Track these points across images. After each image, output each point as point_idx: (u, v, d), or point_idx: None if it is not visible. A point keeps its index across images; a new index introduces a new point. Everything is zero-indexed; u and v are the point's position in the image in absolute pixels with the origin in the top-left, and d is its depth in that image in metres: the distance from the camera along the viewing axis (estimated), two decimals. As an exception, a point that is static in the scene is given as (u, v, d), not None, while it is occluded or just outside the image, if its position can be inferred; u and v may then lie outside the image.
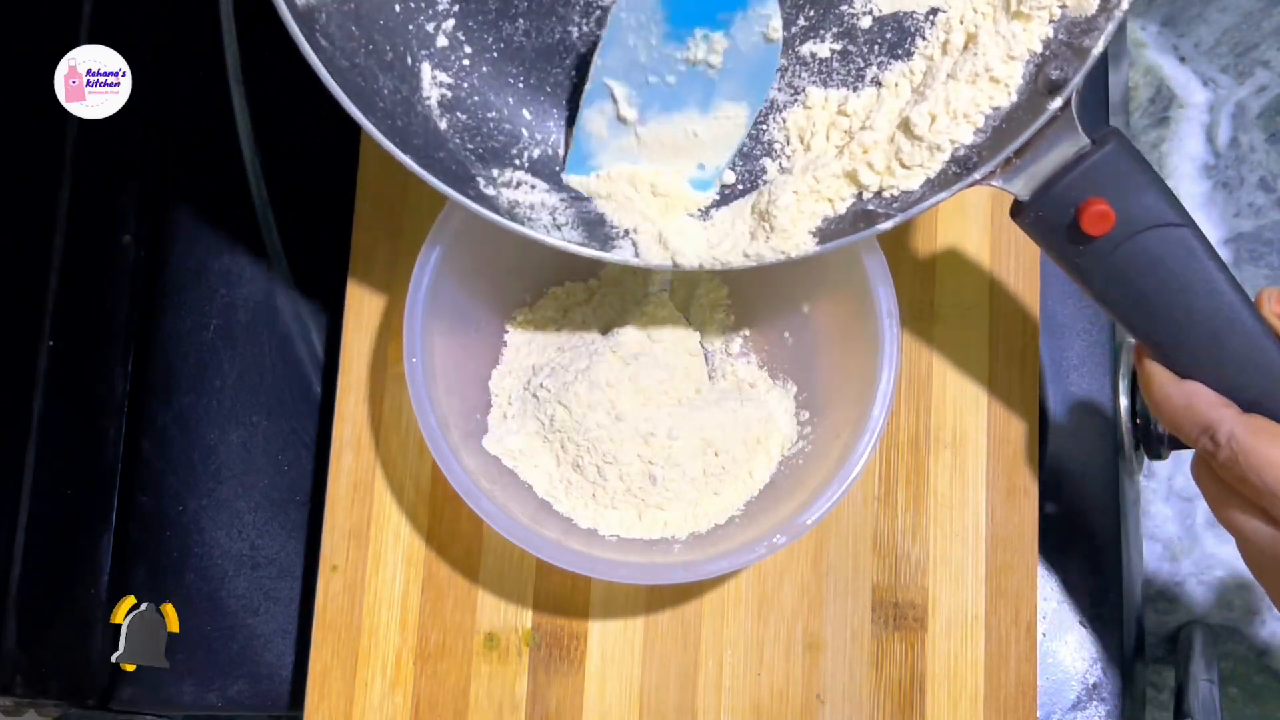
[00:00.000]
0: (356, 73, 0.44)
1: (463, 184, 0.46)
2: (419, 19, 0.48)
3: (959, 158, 0.46)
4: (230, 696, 0.59)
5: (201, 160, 0.63)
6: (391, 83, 0.46)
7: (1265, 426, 0.42)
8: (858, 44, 0.49)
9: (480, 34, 0.49)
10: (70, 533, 0.58)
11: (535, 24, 0.49)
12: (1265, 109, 0.66)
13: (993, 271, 0.57)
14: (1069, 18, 0.45)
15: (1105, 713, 0.57)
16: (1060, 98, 0.43)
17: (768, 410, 0.54)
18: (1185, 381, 0.45)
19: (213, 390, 0.61)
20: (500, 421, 0.54)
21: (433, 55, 0.48)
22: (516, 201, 0.48)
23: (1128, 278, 0.44)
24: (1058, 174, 0.44)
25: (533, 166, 0.50)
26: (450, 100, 0.48)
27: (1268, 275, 0.65)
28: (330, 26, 0.44)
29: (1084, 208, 0.43)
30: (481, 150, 0.48)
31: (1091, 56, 0.43)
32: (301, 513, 0.60)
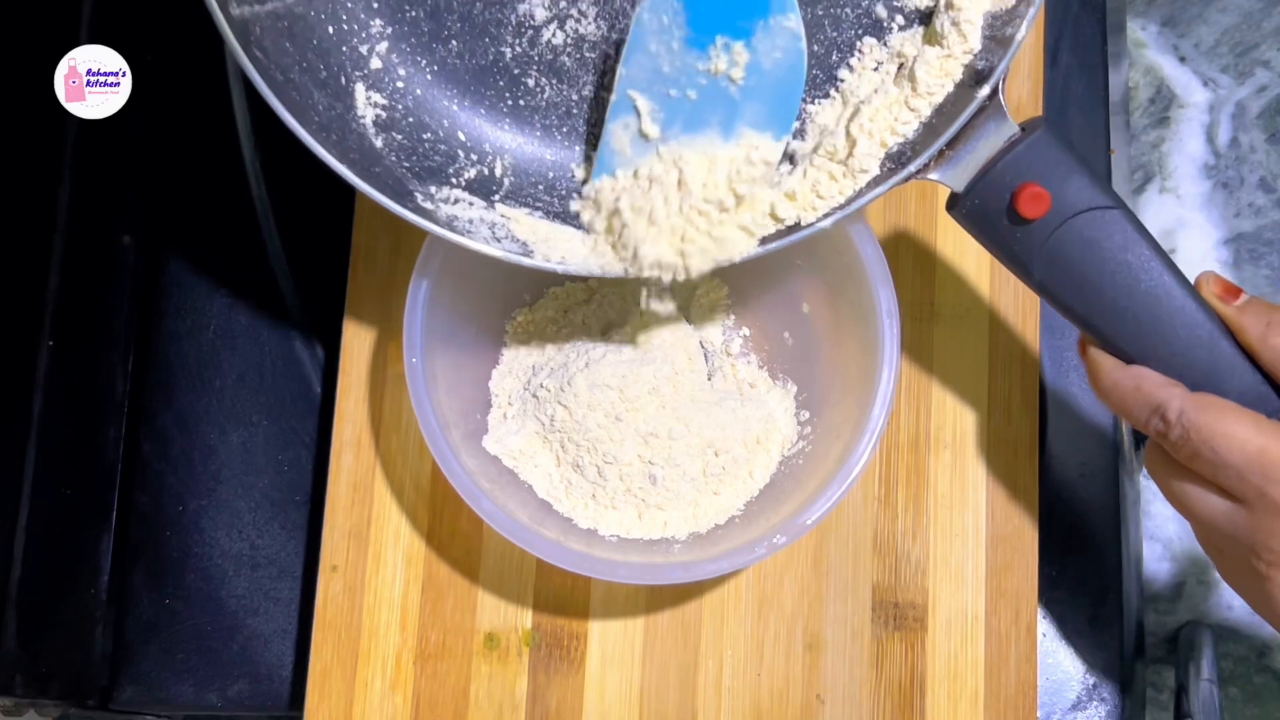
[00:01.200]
0: (292, 87, 0.44)
1: (400, 197, 0.46)
2: (352, 40, 0.48)
3: (893, 154, 0.46)
4: (230, 696, 0.59)
5: (201, 160, 0.63)
6: (326, 100, 0.46)
7: (1212, 401, 0.43)
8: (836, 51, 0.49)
9: (414, 56, 0.49)
10: (70, 533, 0.58)
11: (468, 46, 0.49)
12: (1265, 109, 0.66)
13: (993, 272, 0.57)
14: (991, 12, 0.45)
15: (1105, 713, 0.57)
16: (988, 86, 0.44)
17: (768, 410, 0.54)
18: (1131, 366, 0.45)
19: (213, 390, 0.61)
20: (500, 421, 0.54)
21: (367, 76, 0.48)
22: (455, 216, 0.48)
23: (1066, 262, 0.44)
24: (991, 162, 0.44)
25: (469, 186, 0.49)
26: (385, 120, 0.48)
27: (1268, 275, 0.65)
28: (265, 41, 0.44)
29: (1019, 191, 0.43)
30: (418, 169, 0.48)
31: (1015, 43, 0.43)
32: (301, 513, 0.60)
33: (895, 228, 0.58)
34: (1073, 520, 0.58)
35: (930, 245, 0.58)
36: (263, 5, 0.44)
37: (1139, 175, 0.66)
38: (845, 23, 0.49)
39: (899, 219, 0.58)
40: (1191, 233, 0.65)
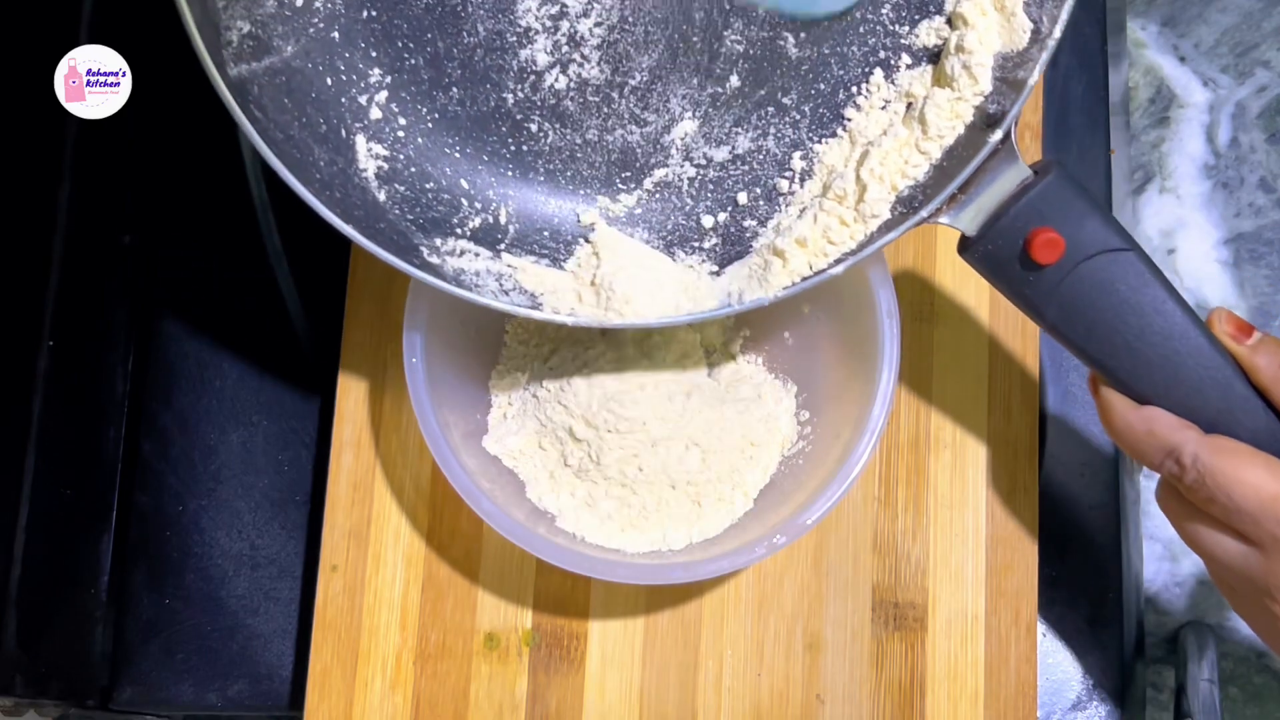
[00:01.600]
0: (292, 145, 0.44)
1: (407, 253, 0.45)
2: (351, 91, 0.47)
3: (903, 198, 0.46)
4: (230, 696, 0.59)
5: (201, 160, 0.63)
6: (327, 155, 0.46)
7: (1228, 445, 0.43)
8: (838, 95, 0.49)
9: (414, 105, 0.48)
10: (70, 533, 0.58)
11: (469, 93, 0.49)
12: (1265, 109, 0.66)
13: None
14: (1002, 54, 0.45)
15: (1105, 713, 0.57)
16: (1000, 130, 0.43)
17: (768, 410, 0.54)
18: (1144, 407, 0.45)
19: (213, 390, 0.61)
20: (500, 421, 0.54)
21: (367, 127, 0.48)
22: (462, 269, 0.47)
23: (1079, 305, 0.44)
24: (1003, 206, 0.44)
25: (474, 235, 0.49)
26: (387, 172, 0.48)
27: (1267, 275, 0.65)
28: (263, 99, 0.43)
29: (1032, 237, 0.43)
30: (422, 220, 0.48)
31: (1027, 87, 0.43)
32: (301, 513, 0.60)
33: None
34: (1073, 520, 0.58)
35: (930, 245, 0.58)
36: (260, 62, 0.44)
37: (1139, 175, 0.66)
38: (852, 61, 0.49)
39: (899, 219, 0.58)
40: (1191, 233, 0.65)
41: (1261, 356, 0.44)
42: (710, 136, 0.50)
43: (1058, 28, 0.43)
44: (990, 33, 0.45)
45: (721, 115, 0.50)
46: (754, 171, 0.50)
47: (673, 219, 0.51)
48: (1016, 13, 0.45)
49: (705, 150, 0.50)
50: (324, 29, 0.46)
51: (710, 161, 0.50)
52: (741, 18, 0.48)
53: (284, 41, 0.45)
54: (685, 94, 0.49)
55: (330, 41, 0.47)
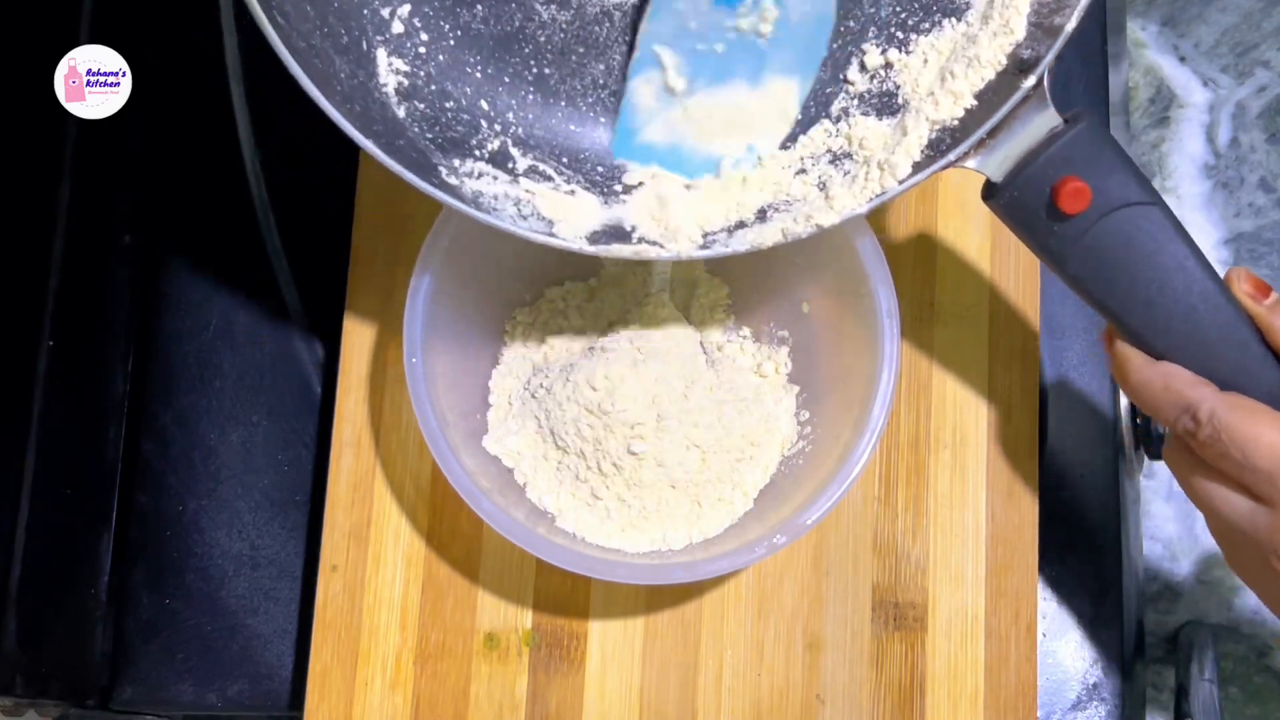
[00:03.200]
0: (314, 54, 0.43)
1: (425, 172, 0.45)
2: (374, 3, 0.47)
3: (933, 140, 0.46)
4: (230, 696, 0.59)
5: (201, 160, 0.63)
6: (348, 67, 0.45)
7: (1244, 403, 0.43)
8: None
9: (437, 20, 0.48)
10: (70, 533, 0.58)
11: (494, 11, 0.48)
12: (1265, 109, 0.66)
13: (993, 271, 0.57)
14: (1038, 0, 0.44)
15: (1105, 713, 0.57)
16: (1034, 76, 0.43)
17: (768, 410, 0.54)
18: (1160, 362, 0.45)
19: (213, 390, 0.61)
20: (500, 421, 0.54)
21: (388, 41, 0.47)
22: (480, 191, 0.47)
23: (1101, 257, 0.44)
24: (1031, 153, 0.44)
25: (492, 158, 0.48)
26: (407, 88, 0.47)
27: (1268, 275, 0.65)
28: (286, 5, 0.43)
29: (1060, 185, 0.43)
30: (441, 140, 0.47)
31: (1064, 34, 0.43)
32: (301, 513, 0.60)
33: (895, 228, 0.58)
34: (1073, 520, 0.58)
35: (930, 245, 0.58)
36: None
37: (1139, 175, 0.66)
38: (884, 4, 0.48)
39: (899, 219, 0.58)
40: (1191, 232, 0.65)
41: (1279, 317, 0.44)
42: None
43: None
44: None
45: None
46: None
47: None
48: None
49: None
50: None
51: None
52: None
53: None
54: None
55: None
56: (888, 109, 0.48)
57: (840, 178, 0.47)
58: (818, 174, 0.48)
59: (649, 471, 0.51)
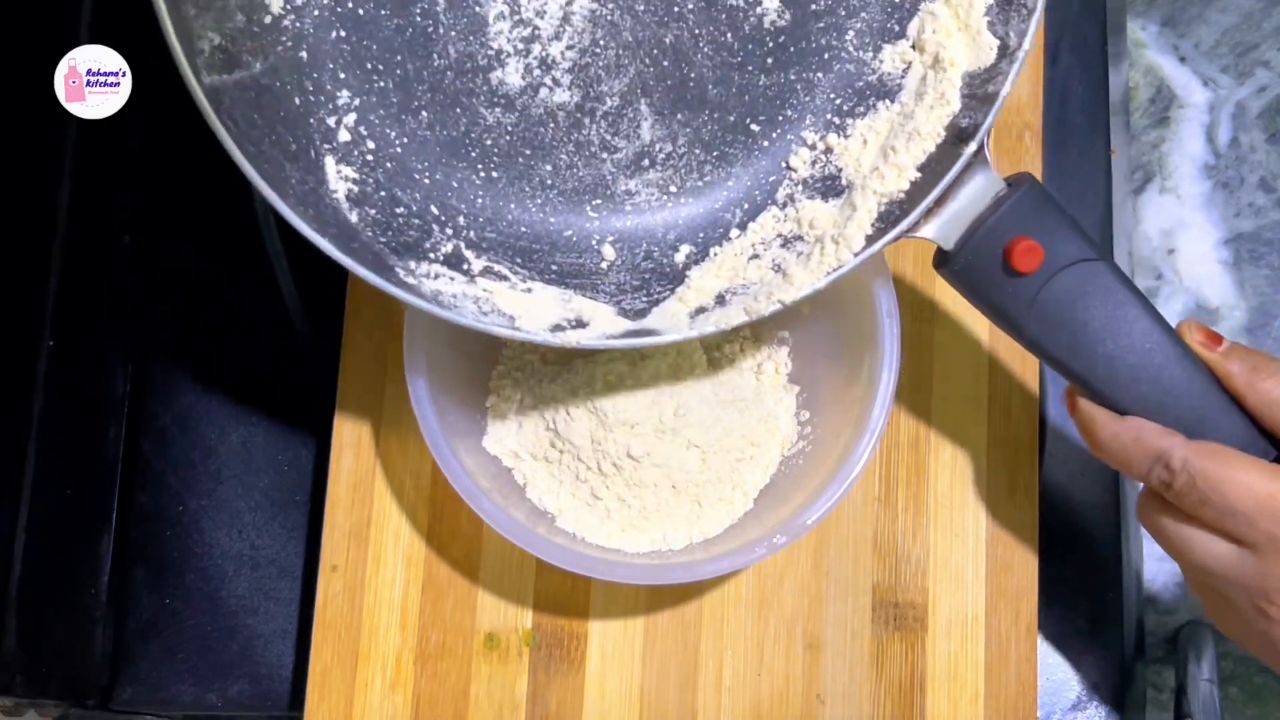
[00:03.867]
0: (264, 160, 0.43)
1: (383, 271, 0.45)
2: (319, 112, 0.47)
3: (882, 214, 0.46)
4: (230, 696, 0.59)
5: (201, 160, 0.63)
6: (298, 174, 0.45)
7: (1215, 449, 0.43)
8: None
9: (383, 128, 0.48)
10: (70, 533, 0.58)
11: (439, 116, 0.48)
12: (1265, 109, 0.66)
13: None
14: (969, 72, 0.45)
15: (1105, 713, 0.57)
16: (974, 143, 0.44)
17: (768, 410, 0.54)
18: (1127, 417, 0.45)
19: (213, 390, 0.61)
20: (500, 421, 0.54)
21: (335, 150, 0.47)
22: (439, 291, 0.47)
23: (1057, 316, 0.45)
24: (980, 217, 0.44)
25: (447, 260, 0.48)
26: (358, 195, 0.47)
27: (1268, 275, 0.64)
28: (235, 112, 0.43)
29: (1011, 245, 0.44)
30: (394, 244, 0.47)
31: (999, 99, 0.43)
32: (301, 513, 0.60)
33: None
34: (1073, 520, 0.58)
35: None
36: (229, 75, 0.43)
37: (1139, 175, 0.66)
38: (819, 87, 0.49)
39: (899, 219, 0.58)
40: (1191, 233, 0.65)
41: (1234, 364, 0.44)
42: (684, 164, 0.50)
43: (1026, 40, 0.44)
44: (957, 53, 0.46)
45: (692, 146, 0.49)
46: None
47: (643, 247, 0.50)
48: (981, 31, 0.45)
49: (679, 181, 0.50)
50: (292, 48, 0.46)
51: (683, 189, 0.50)
52: (711, 44, 0.49)
53: (252, 58, 0.45)
54: (656, 119, 0.49)
55: (298, 61, 0.46)
56: (833, 190, 0.48)
57: (794, 258, 0.47)
58: (771, 257, 0.48)
59: (649, 471, 0.51)
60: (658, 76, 0.49)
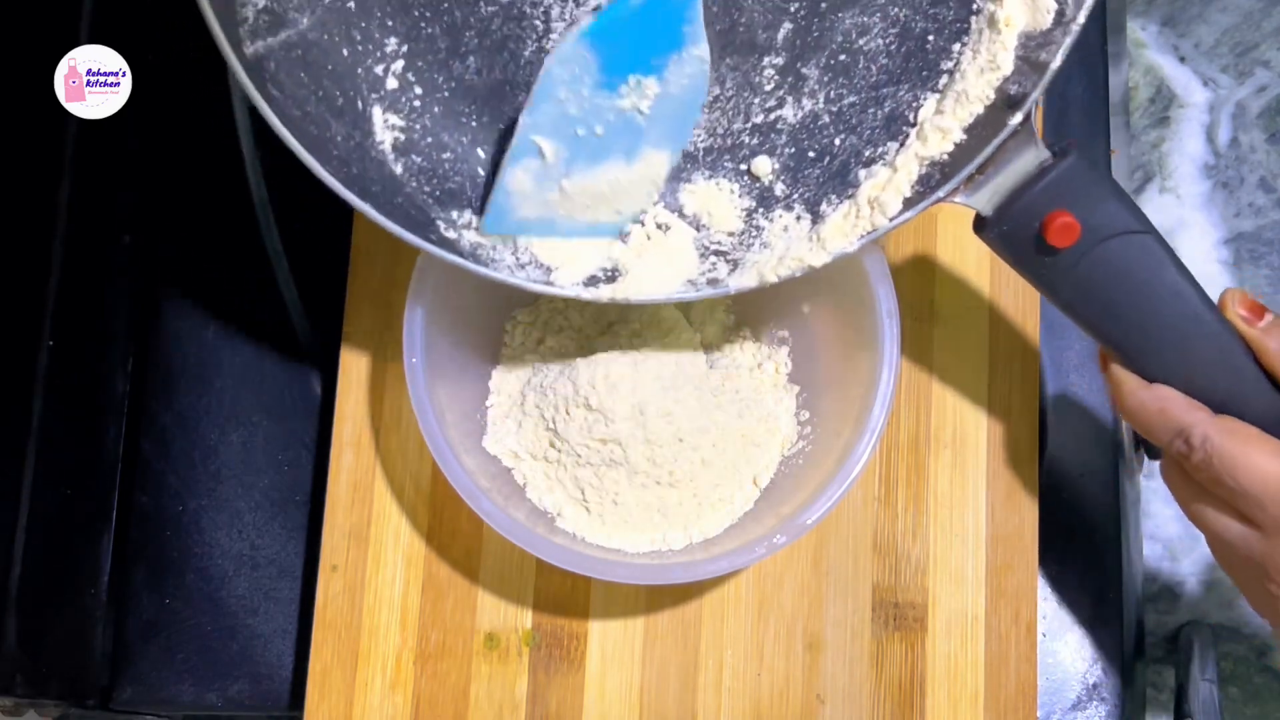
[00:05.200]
0: (309, 121, 0.44)
1: (424, 229, 0.45)
2: (367, 62, 0.47)
3: (923, 176, 0.46)
4: (230, 696, 0.59)
5: (201, 160, 0.63)
6: (344, 129, 0.46)
7: (1237, 428, 0.43)
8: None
9: (430, 74, 0.48)
10: (70, 533, 0.58)
11: (486, 61, 0.48)
12: (1265, 109, 0.66)
13: (993, 272, 0.57)
14: (1025, 33, 0.45)
15: (1105, 713, 0.57)
16: (1020, 112, 0.43)
17: (768, 410, 0.54)
18: (1155, 386, 0.45)
19: (213, 390, 0.61)
20: (500, 421, 0.54)
21: (383, 98, 0.48)
22: (479, 243, 0.47)
23: (1094, 286, 0.44)
24: (1020, 188, 0.44)
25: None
26: (404, 143, 0.48)
27: (1268, 275, 0.65)
28: (280, 74, 0.43)
29: (1049, 220, 0.43)
30: (439, 192, 0.48)
31: (1049, 71, 0.43)
32: (301, 513, 0.60)
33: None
34: (1073, 520, 0.58)
35: (930, 245, 0.58)
36: (276, 36, 0.44)
37: (1139, 175, 0.66)
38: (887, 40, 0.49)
39: (899, 219, 0.58)
40: (1191, 233, 0.65)
41: (1273, 340, 0.44)
42: (733, 111, 0.49)
43: (1083, 11, 0.43)
44: (1015, 11, 0.45)
45: (740, 90, 0.49)
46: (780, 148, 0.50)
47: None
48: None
49: (729, 124, 0.49)
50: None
51: (729, 131, 0.50)
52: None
53: (300, 14, 0.45)
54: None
55: (346, 11, 0.47)
56: None
57: (828, 220, 0.47)
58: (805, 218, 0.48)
59: (648, 471, 0.51)
60: (706, 22, 0.48)
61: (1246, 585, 0.45)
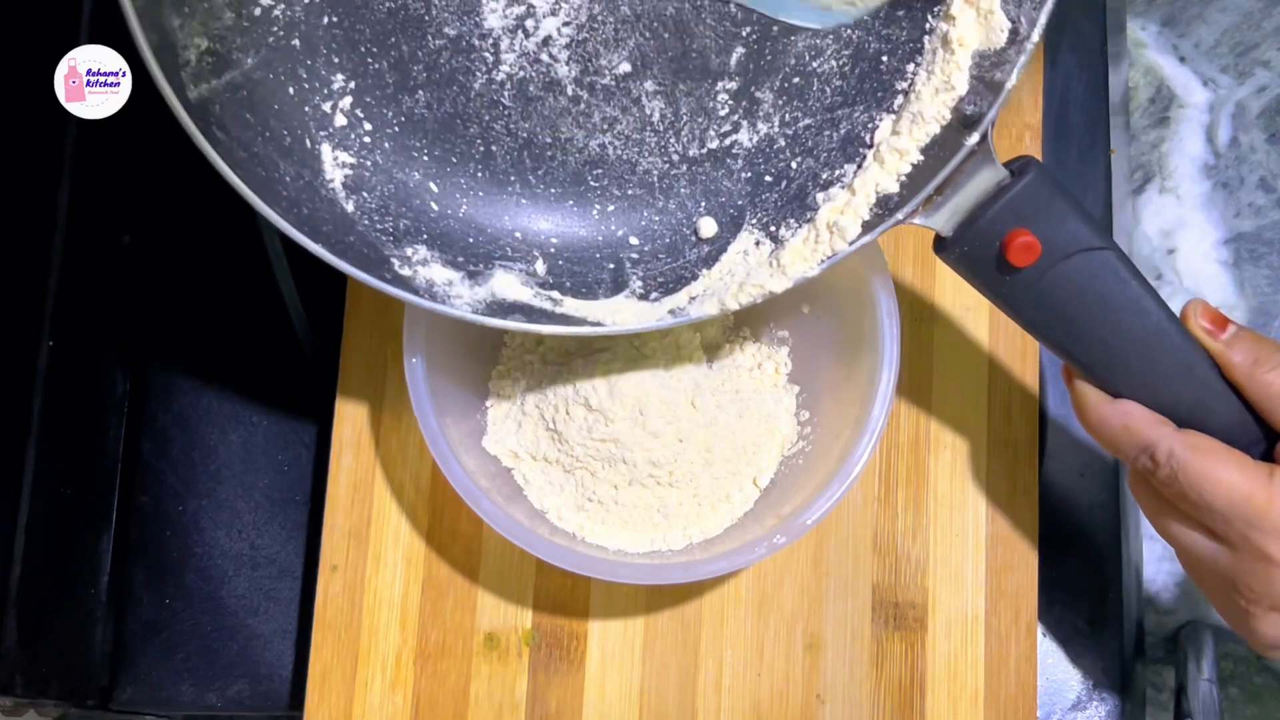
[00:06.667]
0: (256, 163, 0.43)
1: (377, 267, 0.45)
2: (314, 99, 0.46)
3: (881, 198, 0.46)
4: (230, 696, 0.59)
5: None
6: (293, 169, 0.45)
7: (1201, 443, 0.43)
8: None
9: (379, 109, 0.47)
10: (70, 533, 0.58)
11: (435, 95, 0.48)
12: (1265, 109, 0.66)
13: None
14: (979, 52, 0.44)
15: (1105, 713, 0.57)
16: (976, 132, 0.43)
17: (768, 410, 0.54)
18: (1120, 401, 0.45)
19: (213, 390, 0.61)
20: (500, 421, 0.54)
21: (332, 135, 0.47)
22: (433, 280, 0.47)
23: (1056, 304, 0.44)
24: (979, 208, 0.44)
25: (441, 243, 0.48)
26: (354, 181, 0.47)
27: (1268, 275, 0.64)
28: (225, 117, 0.43)
29: (1009, 240, 0.43)
30: (392, 229, 0.47)
31: (1005, 90, 0.43)
32: (301, 513, 0.60)
33: (895, 228, 0.58)
34: (1073, 520, 0.58)
35: (930, 245, 0.58)
36: (220, 78, 0.43)
37: (1139, 175, 0.66)
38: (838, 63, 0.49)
39: (899, 219, 0.58)
40: (1191, 233, 0.65)
41: (1236, 353, 0.44)
42: (688, 137, 0.49)
43: (1036, 30, 0.43)
44: (967, 31, 0.45)
45: (695, 115, 0.49)
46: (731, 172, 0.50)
47: (646, 216, 0.50)
48: (994, 10, 0.44)
49: (680, 149, 0.49)
50: (284, 37, 0.46)
51: (685, 157, 0.49)
52: (712, 14, 0.48)
53: (244, 54, 0.44)
54: (657, 91, 0.49)
55: (291, 50, 0.46)
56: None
57: (788, 245, 0.47)
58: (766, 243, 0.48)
59: (648, 471, 0.51)
60: (658, 49, 0.48)
61: (1217, 599, 0.45)
